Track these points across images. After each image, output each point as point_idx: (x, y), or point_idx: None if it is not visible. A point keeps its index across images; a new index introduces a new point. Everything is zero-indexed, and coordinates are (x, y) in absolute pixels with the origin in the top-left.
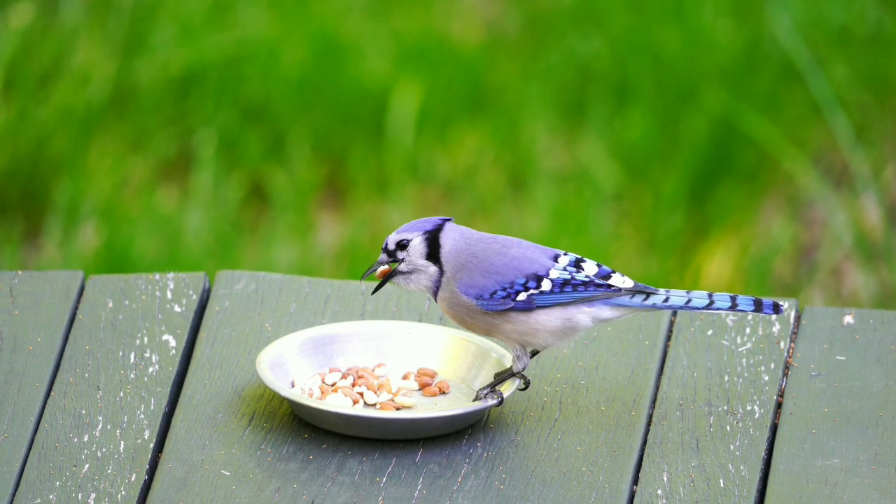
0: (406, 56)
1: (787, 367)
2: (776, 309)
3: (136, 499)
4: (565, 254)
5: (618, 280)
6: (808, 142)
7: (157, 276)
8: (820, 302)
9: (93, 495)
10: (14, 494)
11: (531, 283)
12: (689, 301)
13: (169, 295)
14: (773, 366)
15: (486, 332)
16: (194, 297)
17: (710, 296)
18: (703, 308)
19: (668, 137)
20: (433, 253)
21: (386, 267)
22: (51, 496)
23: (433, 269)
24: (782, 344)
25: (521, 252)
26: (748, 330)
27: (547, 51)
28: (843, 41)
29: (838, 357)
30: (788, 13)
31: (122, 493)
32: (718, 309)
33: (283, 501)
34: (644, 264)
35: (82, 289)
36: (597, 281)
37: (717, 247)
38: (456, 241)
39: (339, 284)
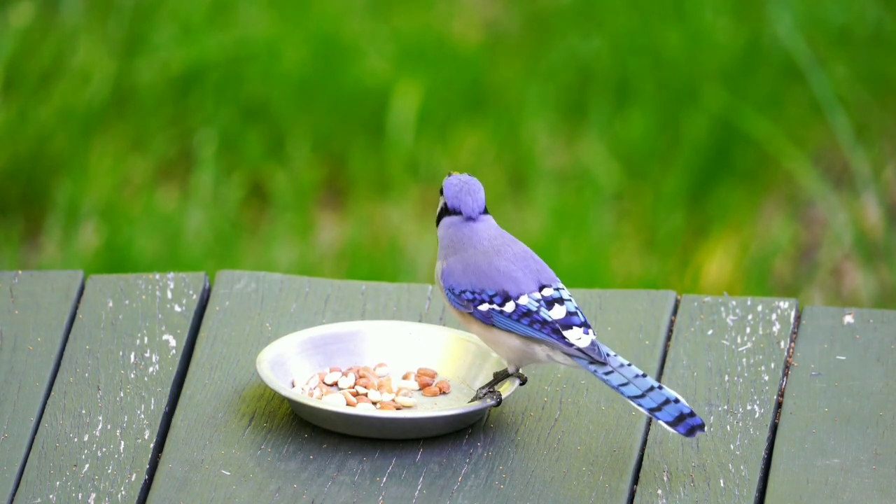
0: (406, 56)
1: (787, 366)
2: (691, 432)
3: (136, 499)
4: (556, 288)
5: (575, 333)
6: (808, 141)
7: (157, 276)
8: (820, 302)
9: (93, 495)
10: (14, 494)
11: (497, 299)
12: (625, 384)
13: (169, 295)
14: (773, 365)
15: (463, 324)
16: (194, 296)
17: (647, 391)
18: (630, 397)
19: (668, 137)
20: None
21: None
22: (51, 496)
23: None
24: (782, 344)
25: (509, 267)
26: (748, 330)
27: (547, 51)
28: (843, 41)
29: (838, 357)
30: (789, 13)
31: (122, 492)
32: (641, 406)
33: (283, 501)
34: (644, 264)
35: (82, 289)
36: (555, 326)
37: (717, 246)
38: (455, 228)
39: (339, 284)
